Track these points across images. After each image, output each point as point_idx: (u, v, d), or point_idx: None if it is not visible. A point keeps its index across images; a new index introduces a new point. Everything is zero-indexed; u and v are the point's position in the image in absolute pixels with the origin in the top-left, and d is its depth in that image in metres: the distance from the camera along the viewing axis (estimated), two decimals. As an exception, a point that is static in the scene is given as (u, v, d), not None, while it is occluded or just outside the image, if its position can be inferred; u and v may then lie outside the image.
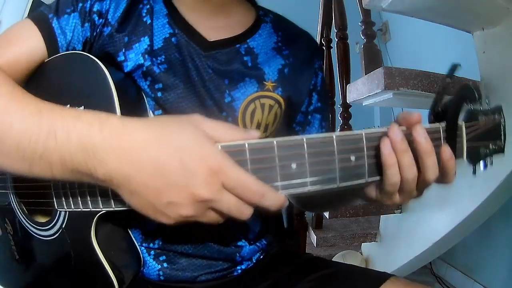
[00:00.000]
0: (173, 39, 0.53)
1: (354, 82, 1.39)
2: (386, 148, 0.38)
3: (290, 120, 0.62)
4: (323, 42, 1.93)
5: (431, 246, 1.39)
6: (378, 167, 0.40)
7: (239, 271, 0.61)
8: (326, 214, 1.47)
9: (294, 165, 0.37)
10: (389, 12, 1.35)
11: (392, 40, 3.04)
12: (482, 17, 1.18)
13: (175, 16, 0.54)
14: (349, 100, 1.47)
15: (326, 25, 1.93)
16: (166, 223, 0.35)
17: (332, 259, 1.80)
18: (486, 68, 1.22)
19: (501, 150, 0.49)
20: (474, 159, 0.48)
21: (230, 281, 0.60)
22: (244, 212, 0.35)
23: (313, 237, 1.74)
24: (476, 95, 0.42)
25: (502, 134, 0.49)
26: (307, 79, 0.61)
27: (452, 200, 1.30)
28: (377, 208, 1.51)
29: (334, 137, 0.38)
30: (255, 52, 0.56)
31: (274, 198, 0.35)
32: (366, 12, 1.57)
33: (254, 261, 0.63)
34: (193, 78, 0.53)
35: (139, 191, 0.33)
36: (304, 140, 0.37)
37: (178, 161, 0.32)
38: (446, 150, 0.41)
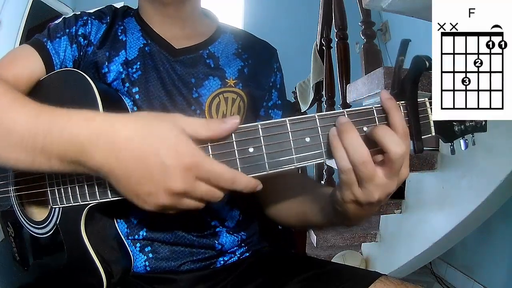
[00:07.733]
0: (146, 48, 0.63)
1: (354, 82, 1.40)
2: (332, 130, 0.40)
3: (255, 115, 0.69)
4: (323, 42, 1.94)
5: (431, 246, 1.39)
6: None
7: (222, 262, 0.63)
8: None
9: (251, 149, 0.40)
10: (389, 12, 1.35)
11: (392, 40, 3.05)
12: (482, 17, 1.18)
13: (147, 30, 0.65)
14: (349, 100, 1.47)
15: (326, 25, 1.94)
16: (148, 209, 0.40)
17: (332, 259, 1.80)
18: (486, 68, 1.21)
19: (482, 128, 0.46)
20: (447, 136, 0.46)
21: (214, 273, 0.62)
22: (216, 195, 0.40)
23: (313, 237, 1.74)
24: (427, 63, 0.41)
25: None
26: (266, 77, 0.70)
27: (452, 200, 1.30)
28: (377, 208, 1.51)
29: (287, 120, 0.41)
30: (216, 56, 0.66)
31: (245, 181, 0.39)
32: (366, 12, 1.57)
33: (238, 255, 0.65)
34: (165, 79, 0.61)
35: (123, 182, 0.39)
36: (259, 125, 0.40)
37: (157, 157, 0.37)
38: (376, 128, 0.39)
